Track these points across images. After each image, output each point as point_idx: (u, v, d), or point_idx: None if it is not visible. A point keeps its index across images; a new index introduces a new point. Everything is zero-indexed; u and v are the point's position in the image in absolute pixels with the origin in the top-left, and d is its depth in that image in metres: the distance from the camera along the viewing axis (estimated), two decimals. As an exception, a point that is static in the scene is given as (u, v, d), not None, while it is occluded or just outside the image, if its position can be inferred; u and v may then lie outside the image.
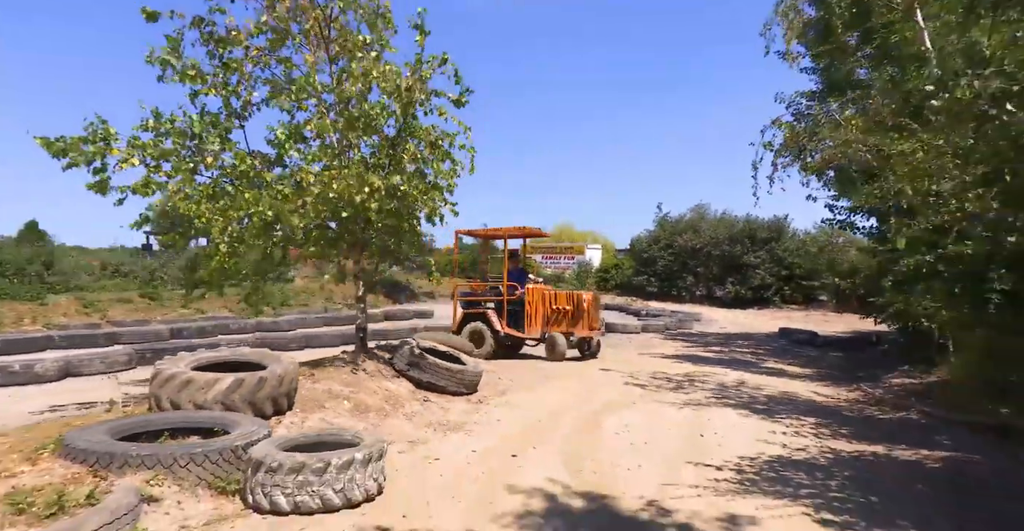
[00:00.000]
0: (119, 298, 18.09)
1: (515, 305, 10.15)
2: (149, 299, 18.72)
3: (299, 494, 3.35)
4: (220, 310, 19.34)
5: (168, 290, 19.97)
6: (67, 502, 2.79)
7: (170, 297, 19.09)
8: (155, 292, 19.39)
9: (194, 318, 16.97)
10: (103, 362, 8.81)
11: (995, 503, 3.77)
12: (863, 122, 5.86)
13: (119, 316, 16.15)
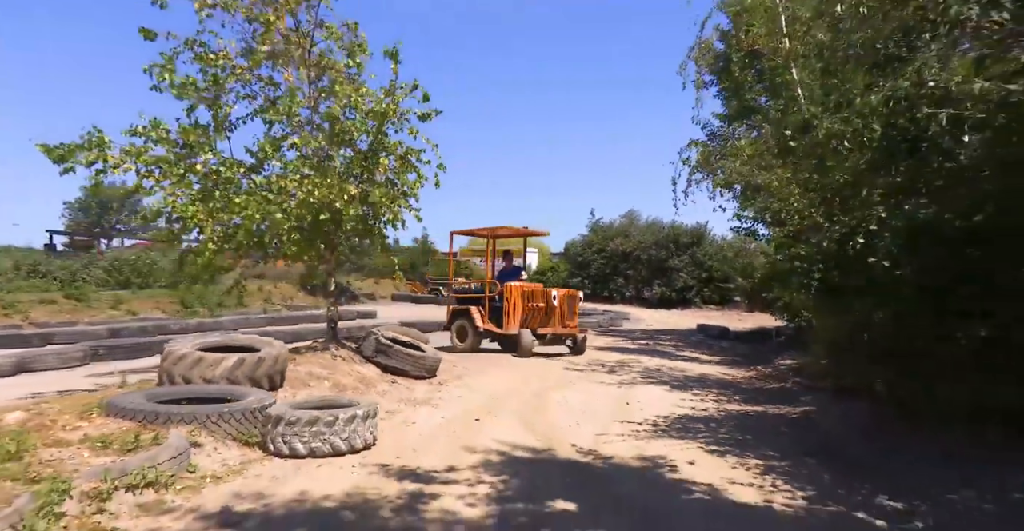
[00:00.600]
0: (41, 299, 17.51)
1: (496, 302, 10.51)
2: (75, 300, 18.20)
3: (314, 441, 4.21)
4: (152, 311, 19.11)
5: (94, 291, 19.47)
6: (141, 442, 3.54)
7: (97, 298, 18.65)
8: (80, 293, 18.83)
9: (124, 320, 16.68)
10: (57, 358, 9.04)
11: (826, 435, 5.14)
12: (753, 149, 7.30)
13: (42, 318, 15.72)
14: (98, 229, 30.62)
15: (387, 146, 6.86)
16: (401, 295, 31.29)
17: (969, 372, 3.65)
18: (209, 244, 6.16)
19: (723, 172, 9.18)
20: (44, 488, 2.79)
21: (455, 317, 10.94)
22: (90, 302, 18.38)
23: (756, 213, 8.62)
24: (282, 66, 6.88)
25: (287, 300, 25.04)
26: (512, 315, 10.39)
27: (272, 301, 24.32)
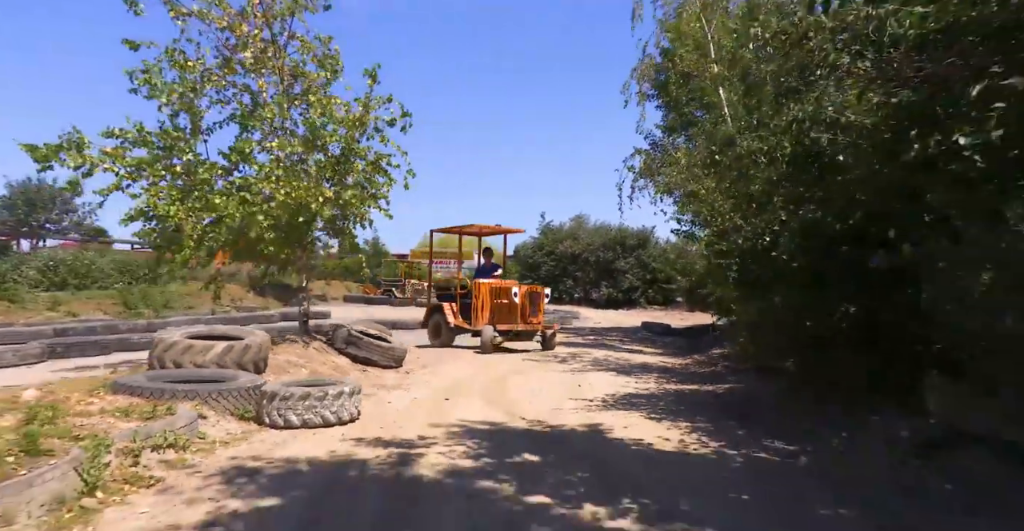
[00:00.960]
0: (-30, 300, 16.88)
1: (467, 299, 10.82)
2: (7, 301, 17.60)
3: (307, 414, 4.75)
4: (94, 312, 18.65)
5: (29, 292, 18.84)
6: (157, 412, 4.00)
7: (32, 299, 18.08)
8: (14, 294, 18.20)
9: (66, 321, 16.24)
10: (15, 355, 9.06)
11: (744, 404, 6.07)
12: (688, 160, 8.28)
13: None
14: (26, 228, 29.21)
15: (358, 151, 7.39)
16: (353, 296, 31.34)
17: (847, 347, 4.60)
18: (188, 242, 6.53)
19: (664, 178, 10.17)
20: (89, 443, 3.26)
21: (431, 314, 11.16)
22: (24, 303, 17.82)
23: (692, 217, 9.63)
24: (255, 74, 7.30)
25: (236, 301, 24.70)
26: (480, 311, 10.62)
27: (221, 303, 23.97)
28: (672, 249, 30.43)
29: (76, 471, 2.99)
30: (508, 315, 10.51)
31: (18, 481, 2.77)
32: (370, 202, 7.63)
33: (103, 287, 22.09)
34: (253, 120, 7.05)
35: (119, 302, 19.97)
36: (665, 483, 3.69)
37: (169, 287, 23.36)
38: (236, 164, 7.25)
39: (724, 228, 6.25)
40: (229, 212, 6.49)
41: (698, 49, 8.23)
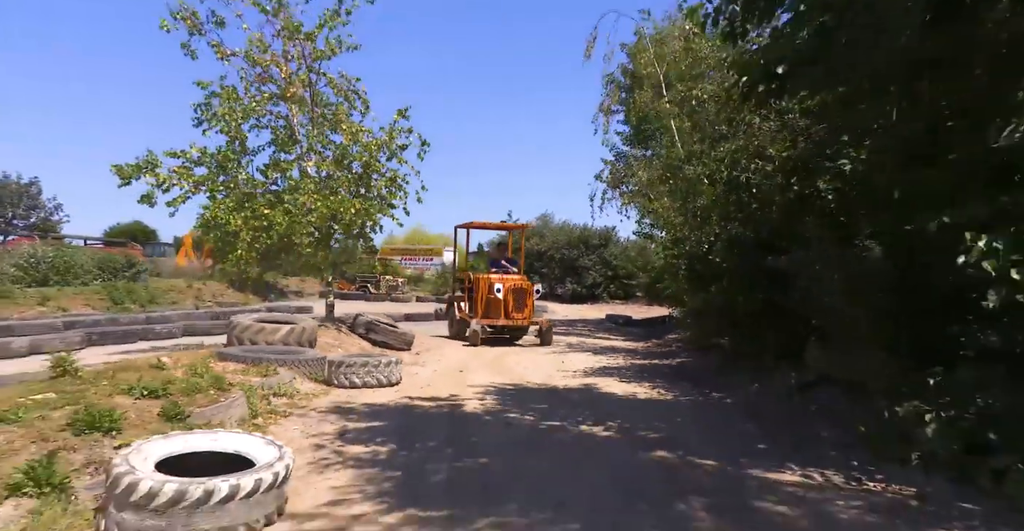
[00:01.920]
0: (-38, 296, 17.44)
1: (471, 294, 11.04)
2: (0, 297, 18.20)
3: (366, 377, 6.28)
4: (82, 307, 19.30)
5: (20, 288, 19.35)
6: (269, 372, 5.47)
7: (22, 295, 18.66)
8: (6, 290, 18.79)
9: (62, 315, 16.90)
10: (62, 342, 10.13)
11: (691, 372, 7.89)
12: (647, 176, 10.08)
13: None
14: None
15: (377, 169, 8.87)
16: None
17: (760, 326, 6.43)
18: (243, 245, 7.90)
19: (628, 187, 11.93)
20: (242, 388, 4.73)
21: (449, 306, 11.70)
22: (16, 298, 18.40)
23: (651, 222, 11.47)
24: (290, 104, 8.68)
25: (217, 296, 25.44)
26: (477, 305, 10.86)
27: (203, 298, 24.71)
28: (633, 247, 32.66)
29: (247, 403, 4.49)
30: (495, 310, 10.63)
31: (223, 404, 4.27)
32: (385, 211, 9.11)
33: (84, 283, 22.57)
34: (289, 143, 8.43)
35: (105, 297, 20.60)
36: (635, 414, 5.42)
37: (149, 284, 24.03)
38: (274, 180, 8.62)
39: (676, 236, 8.07)
40: (277, 221, 7.89)
41: (652, 85, 10.04)
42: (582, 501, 3.31)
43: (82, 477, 3.04)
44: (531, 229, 37.17)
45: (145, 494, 2.66)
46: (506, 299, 10.53)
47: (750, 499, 3.37)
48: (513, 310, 10.59)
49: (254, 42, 8.03)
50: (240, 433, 3.44)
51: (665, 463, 4.05)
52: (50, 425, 3.36)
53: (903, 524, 2.98)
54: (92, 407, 3.54)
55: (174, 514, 2.69)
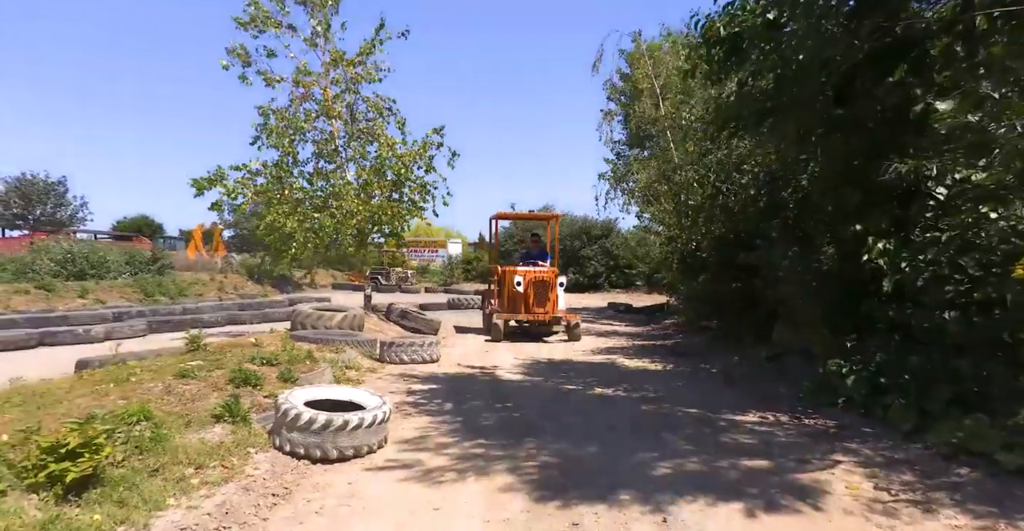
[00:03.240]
0: (16, 290, 18.79)
1: (499, 288, 10.73)
2: (46, 290, 19.53)
3: (413, 355, 7.59)
4: (118, 300, 20.65)
5: (60, 282, 20.67)
6: (340, 350, 6.78)
7: (64, 288, 19.99)
8: (49, 284, 20.13)
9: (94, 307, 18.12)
10: (131, 329, 11.47)
11: (684, 350, 9.21)
12: (645, 178, 11.35)
13: (21, 306, 17.17)
14: (20, 222, 30.37)
15: (410, 178, 10.12)
16: (340, 284, 33.65)
17: (739, 310, 7.72)
18: (298, 244, 9.18)
19: (630, 184, 13.17)
20: (325, 361, 6.03)
21: (484, 298, 11.56)
22: (58, 292, 19.75)
23: (650, 217, 12.76)
24: (331, 120, 9.91)
25: (238, 289, 26.76)
26: (502, 299, 10.48)
27: (225, 290, 26.04)
28: (633, 237, 33.91)
29: (332, 372, 5.80)
30: (516, 304, 10.20)
31: (317, 372, 5.59)
32: (416, 213, 10.38)
33: (115, 277, 23.90)
34: (332, 155, 9.69)
35: (137, 290, 21.95)
36: (638, 380, 6.74)
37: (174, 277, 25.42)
38: (319, 188, 9.88)
39: (671, 234, 9.36)
40: (325, 224, 9.16)
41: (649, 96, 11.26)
42: (598, 433, 4.63)
43: (250, 414, 4.34)
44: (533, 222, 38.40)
45: (306, 421, 3.98)
46: (527, 293, 10.04)
47: (718, 432, 4.69)
48: (534, 304, 10.11)
49: (301, 70, 9.25)
50: (352, 387, 4.75)
51: (660, 411, 5.38)
52: (217, 380, 4.67)
53: (823, 442, 4.29)
54: (238, 369, 4.85)
55: (325, 435, 4.00)
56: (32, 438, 3.06)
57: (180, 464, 3.47)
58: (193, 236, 33.95)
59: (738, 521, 3.09)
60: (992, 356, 3.57)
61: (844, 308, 5.01)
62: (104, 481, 3.00)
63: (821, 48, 3.97)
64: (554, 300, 10.36)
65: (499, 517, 3.20)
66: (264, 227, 9.03)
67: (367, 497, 3.48)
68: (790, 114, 4.60)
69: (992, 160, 3.62)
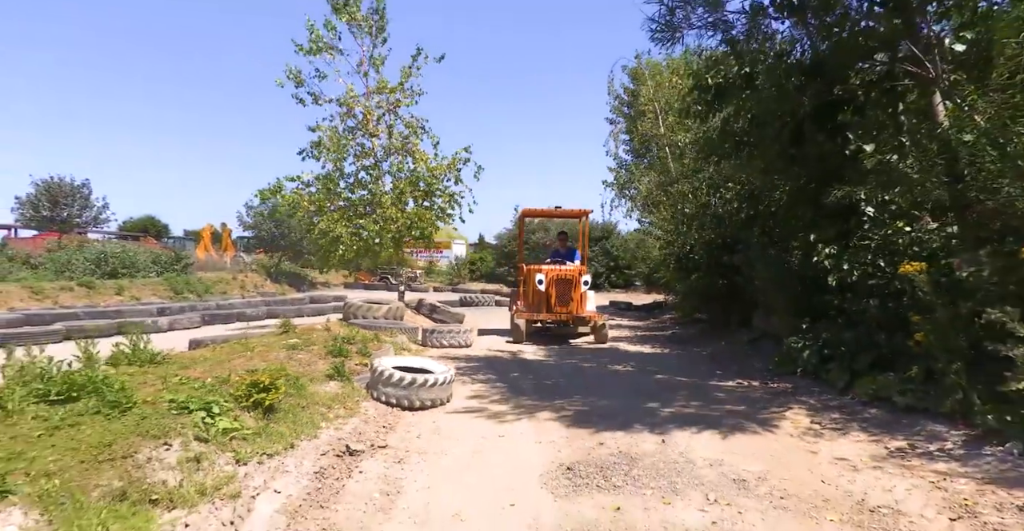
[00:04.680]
0: (61, 287, 20.16)
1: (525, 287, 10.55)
2: (87, 288, 20.90)
3: (450, 340, 8.99)
4: (150, 297, 22.02)
5: (98, 280, 22.04)
6: (395, 334, 8.17)
7: (102, 286, 21.36)
8: (90, 281, 21.50)
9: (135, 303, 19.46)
10: (189, 320, 12.85)
11: (680, 338, 10.62)
12: (647, 188, 12.77)
13: (67, 301, 18.56)
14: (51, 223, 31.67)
15: (440, 189, 11.51)
16: (353, 283, 35.06)
17: (725, 302, 9.13)
18: (347, 247, 10.56)
19: (632, 191, 14.57)
20: (386, 342, 7.42)
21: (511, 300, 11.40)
22: (98, 289, 21.13)
23: (649, 222, 14.20)
24: (373, 137, 11.31)
25: (258, 287, 28.13)
26: (526, 299, 10.26)
27: (246, 288, 27.40)
28: (632, 238, 35.35)
29: (393, 351, 7.19)
30: (538, 303, 9.96)
31: (382, 350, 6.98)
32: (445, 220, 11.78)
33: (144, 276, 25.26)
34: (373, 168, 11.08)
35: (168, 288, 23.31)
36: (642, 360, 8.16)
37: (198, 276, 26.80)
38: (360, 197, 11.27)
39: (668, 239, 10.79)
40: (369, 229, 10.55)
41: (651, 119, 12.69)
42: (614, 394, 6.04)
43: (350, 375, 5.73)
44: (538, 223, 39.72)
45: (397, 379, 5.38)
46: (548, 292, 9.77)
47: (706, 392, 6.10)
48: (556, 303, 9.79)
49: (350, 93, 10.65)
50: (423, 357, 6.16)
51: (661, 380, 6.79)
52: (319, 352, 6.07)
53: (781, 397, 5.71)
54: (333, 344, 6.24)
55: (411, 390, 5.40)
56: (228, 381, 4.45)
57: (317, 405, 4.85)
58: (202, 236, 35.27)
59: (715, 440, 4.50)
60: (899, 331, 4.94)
61: (802, 298, 6.39)
62: (278, 410, 4.38)
63: (779, 103, 5.37)
64: (578, 299, 9.92)
65: (546, 439, 4.60)
66: (318, 232, 10.40)
67: (449, 429, 4.89)
68: (758, 149, 5.99)
69: (901, 189, 5.01)
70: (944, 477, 3.62)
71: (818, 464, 4.01)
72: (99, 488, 2.75)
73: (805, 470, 3.91)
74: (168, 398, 3.84)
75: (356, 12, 10.41)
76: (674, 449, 4.31)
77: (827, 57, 5.25)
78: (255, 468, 3.55)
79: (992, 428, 3.91)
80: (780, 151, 5.79)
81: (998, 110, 4.44)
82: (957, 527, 3.08)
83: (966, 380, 4.18)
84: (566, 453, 4.29)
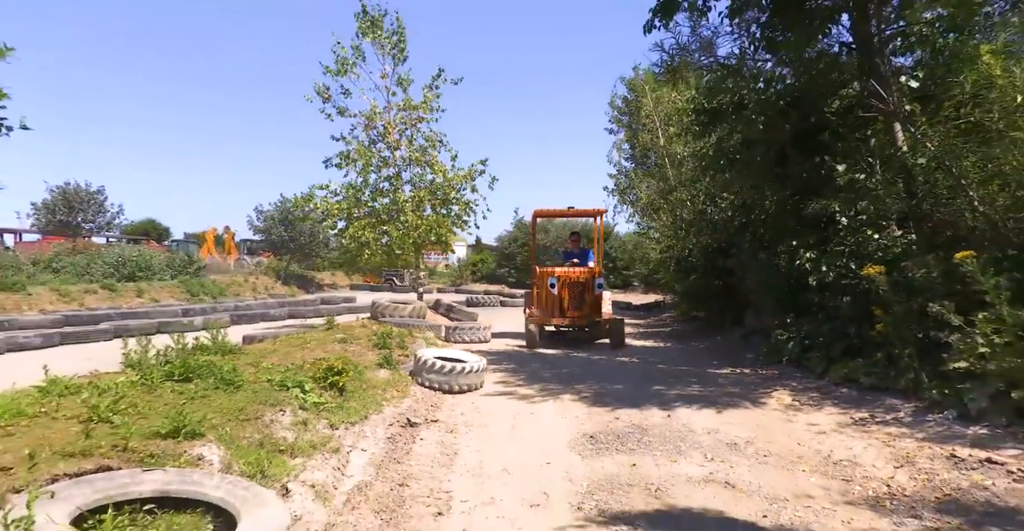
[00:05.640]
0: (85, 289, 20.98)
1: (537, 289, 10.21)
2: (110, 290, 21.72)
3: (469, 336, 9.89)
4: (168, 299, 22.85)
5: (118, 282, 22.86)
6: (420, 331, 9.05)
7: (124, 288, 22.19)
8: (112, 284, 22.30)
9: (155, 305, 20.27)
10: (219, 321, 13.69)
11: (680, 334, 11.53)
12: (647, 196, 13.69)
13: (92, 303, 19.39)
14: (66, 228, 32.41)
15: (457, 198, 12.39)
16: (358, 285, 35.91)
17: (721, 301, 10.03)
18: (373, 252, 11.44)
19: (632, 196, 15.49)
20: (422, 339, 8.30)
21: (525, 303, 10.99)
22: (119, 291, 21.96)
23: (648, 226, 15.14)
24: (394, 149, 12.20)
25: (269, 289, 28.96)
26: (539, 303, 9.95)
27: (257, 290, 28.22)
28: (630, 240, 36.31)
29: (425, 341, 8.08)
30: (550, 307, 9.66)
31: (417, 344, 7.87)
32: (461, 226, 12.66)
33: (160, 279, 26.09)
34: (395, 178, 11.98)
35: (184, 290, 24.13)
36: (646, 353, 9.06)
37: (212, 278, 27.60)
38: (383, 205, 12.15)
39: (669, 243, 11.71)
40: (393, 234, 11.44)
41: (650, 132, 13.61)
42: (624, 380, 6.94)
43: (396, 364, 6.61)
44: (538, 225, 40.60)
45: (439, 367, 6.27)
46: (560, 295, 9.53)
47: (704, 378, 7.00)
48: (570, 307, 9.54)
49: (375, 109, 11.54)
50: (456, 349, 7.05)
51: (664, 369, 7.70)
52: (365, 344, 6.94)
53: (769, 381, 6.61)
54: (378, 338, 7.12)
55: (450, 376, 6.29)
56: (302, 368, 5.32)
57: (374, 387, 5.73)
58: (206, 239, 36.04)
59: (712, 414, 5.40)
60: (866, 323, 5.84)
61: (787, 297, 7.29)
62: (347, 390, 5.25)
63: (766, 130, 6.27)
64: (592, 302, 9.63)
65: (570, 415, 5.49)
66: (348, 238, 11.27)
67: (486, 408, 5.79)
68: (747, 167, 6.89)
69: (868, 203, 5.92)
70: (894, 438, 4.52)
71: (795, 431, 4.91)
72: (245, 439, 3.62)
73: (784, 435, 4.81)
74: (266, 378, 4.73)
75: (380, 34, 11.32)
76: (678, 421, 5.20)
77: (805, 91, 6.16)
78: (344, 432, 4.44)
79: (935, 400, 4.82)
80: (767, 169, 6.69)
81: (945, 138, 5.35)
82: (899, 472, 3.98)
83: (917, 363, 5.09)
84: (588, 426, 5.18)
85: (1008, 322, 4.21)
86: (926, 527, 3.14)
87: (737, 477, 4.00)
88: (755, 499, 3.59)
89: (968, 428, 4.40)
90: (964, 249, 4.83)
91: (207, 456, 3.13)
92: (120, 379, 4.30)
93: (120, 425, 3.29)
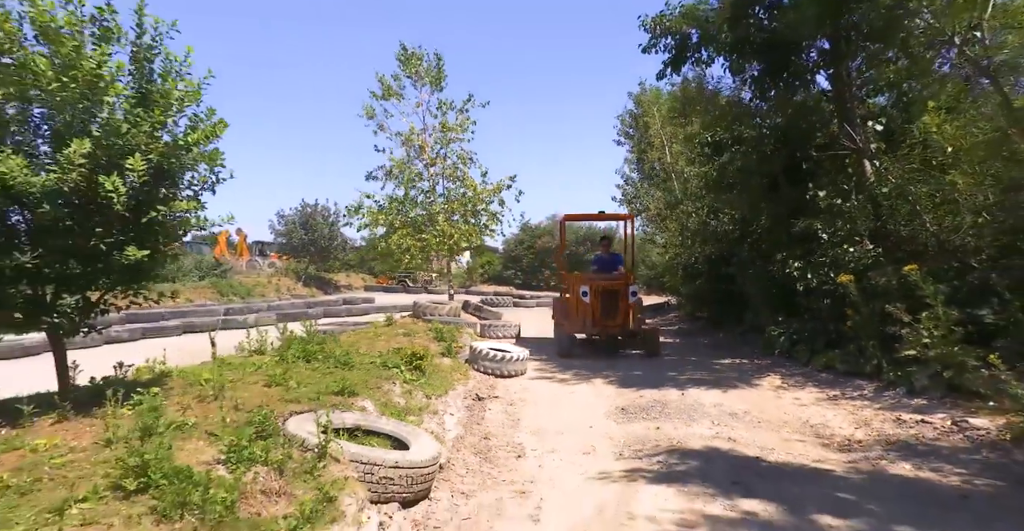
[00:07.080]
0: (122, 290, 22.29)
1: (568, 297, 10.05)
2: (147, 290, 23.05)
3: (501, 333, 11.23)
4: (200, 299, 24.14)
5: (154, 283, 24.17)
6: (463, 328, 10.40)
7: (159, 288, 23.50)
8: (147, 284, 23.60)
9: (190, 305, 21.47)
10: (268, 320, 15.05)
11: (687, 333, 12.88)
12: (655, 207, 15.07)
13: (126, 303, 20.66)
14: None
15: (486, 209, 13.73)
16: (372, 286, 37.26)
17: (724, 303, 11.39)
18: (413, 255, 12.80)
19: (639, 206, 16.86)
20: (468, 334, 9.65)
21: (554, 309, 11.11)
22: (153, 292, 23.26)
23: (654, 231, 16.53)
24: (430, 165, 13.57)
25: (291, 290, 30.30)
26: (572, 311, 9.66)
27: (280, 291, 29.57)
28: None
29: (469, 336, 9.43)
30: (582, 317, 9.40)
31: (464, 337, 9.21)
32: (489, 234, 14.04)
33: (190, 280, 27.42)
34: (430, 191, 13.35)
35: (214, 291, 25.47)
36: (655, 348, 10.41)
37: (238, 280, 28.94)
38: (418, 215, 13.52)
39: (676, 251, 13.09)
40: (430, 241, 12.80)
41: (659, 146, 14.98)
42: (642, 369, 8.29)
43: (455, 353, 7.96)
44: (543, 228, 41.95)
45: (492, 356, 7.64)
46: (593, 304, 9.29)
47: (710, 367, 8.36)
48: (603, 317, 9.28)
49: (412, 131, 12.93)
50: (503, 342, 8.42)
51: (675, 360, 9.05)
52: (425, 337, 8.30)
53: (763, 369, 7.96)
54: (436, 332, 8.48)
55: (502, 363, 7.65)
56: (387, 354, 6.67)
57: (442, 371, 7.08)
58: (219, 241, 37.35)
59: (717, 393, 6.76)
60: (841, 321, 7.19)
61: (779, 299, 8.65)
62: (426, 372, 6.60)
63: (759, 163, 7.63)
64: (626, 311, 9.33)
65: (603, 394, 6.85)
66: (394, 244, 12.65)
67: (534, 389, 7.15)
68: (745, 191, 8.25)
69: (843, 222, 7.28)
70: (858, 409, 5.88)
71: (782, 405, 6.27)
72: (374, 401, 4.98)
73: (774, 408, 6.17)
74: (369, 361, 6.08)
75: (419, 66, 12.75)
76: (690, 398, 6.56)
77: (791, 131, 7.53)
78: (435, 401, 5.79)
79: (891, 380, 6.18)
80: (762, 193, 8.05)
81: (904, 172, 6.72)
82: (858, 431, 5.33)
83: (879, 352, 6.44)
84: (619, 401, 6.54)
85: (943, 319, 5.56)
86: (871, 457, 4.51)
87: (737, 435, 5.34)
88: (751, 447, 4.94)
89: (912, 400, 5.77)
90: (919, 262, 6.19)
91: (368, 407, 4.48)
92: (266, 359, 5.67)
93: (293, 387, 4.64)
